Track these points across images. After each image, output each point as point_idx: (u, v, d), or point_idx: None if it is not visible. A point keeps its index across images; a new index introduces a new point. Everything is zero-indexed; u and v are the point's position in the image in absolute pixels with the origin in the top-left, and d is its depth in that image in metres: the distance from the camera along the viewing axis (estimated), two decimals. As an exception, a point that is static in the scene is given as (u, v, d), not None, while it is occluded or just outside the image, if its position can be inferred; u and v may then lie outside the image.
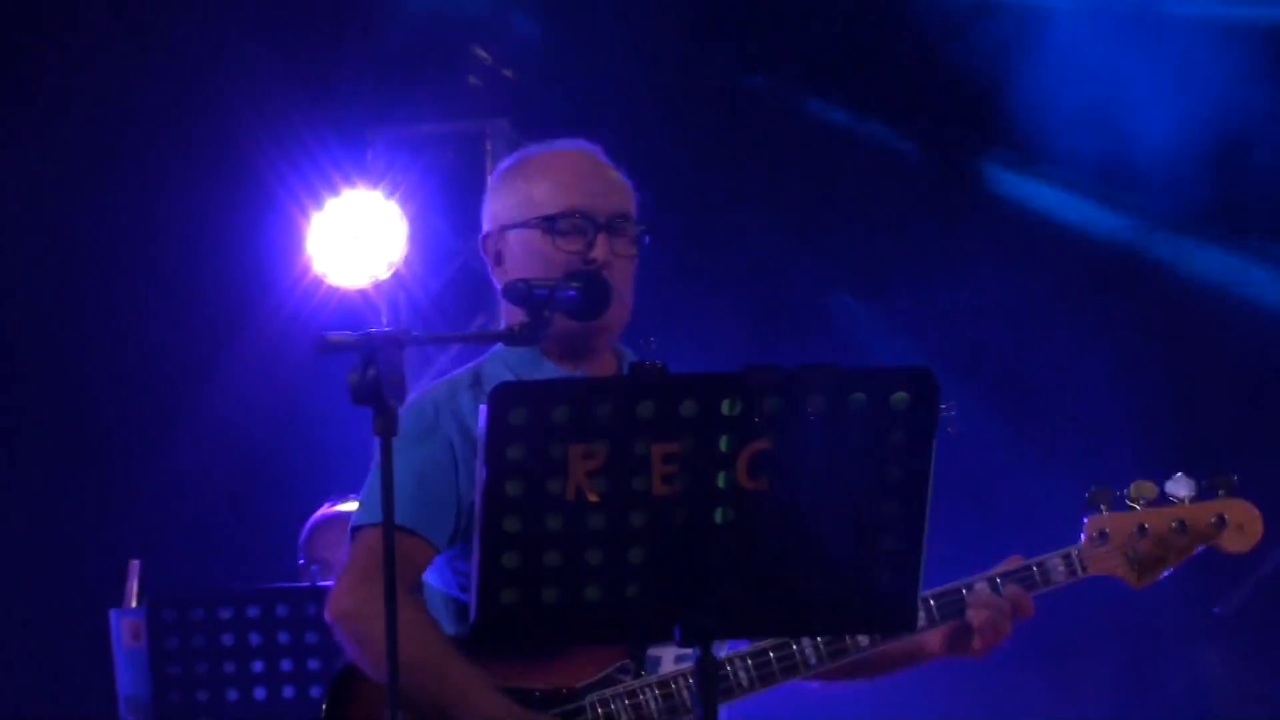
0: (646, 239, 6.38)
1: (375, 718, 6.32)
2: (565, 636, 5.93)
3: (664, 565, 5.27)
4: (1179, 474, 6.13)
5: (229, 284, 11.95)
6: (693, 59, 13.21)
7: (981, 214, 13.67)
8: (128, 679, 7.96)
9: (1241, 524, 6.02)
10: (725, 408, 5.15)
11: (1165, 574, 6.17)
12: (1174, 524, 6.00)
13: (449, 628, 6.33)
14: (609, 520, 5.24)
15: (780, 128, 13.76)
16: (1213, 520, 6.01)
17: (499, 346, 6.58)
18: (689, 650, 5.67)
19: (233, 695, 7.57)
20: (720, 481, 5.18)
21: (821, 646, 6.18)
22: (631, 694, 6.10)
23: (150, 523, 11.65)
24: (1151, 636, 13.95)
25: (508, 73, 11.44)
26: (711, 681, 5.40)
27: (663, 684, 6.09)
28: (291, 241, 11.40)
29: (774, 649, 6.12)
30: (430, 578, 6.45)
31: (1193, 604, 11.70)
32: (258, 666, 7.58)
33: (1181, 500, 6.04)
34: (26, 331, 13.28)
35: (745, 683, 6.10)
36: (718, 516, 5.21)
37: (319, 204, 11.31)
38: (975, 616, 6.39)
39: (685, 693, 6.07)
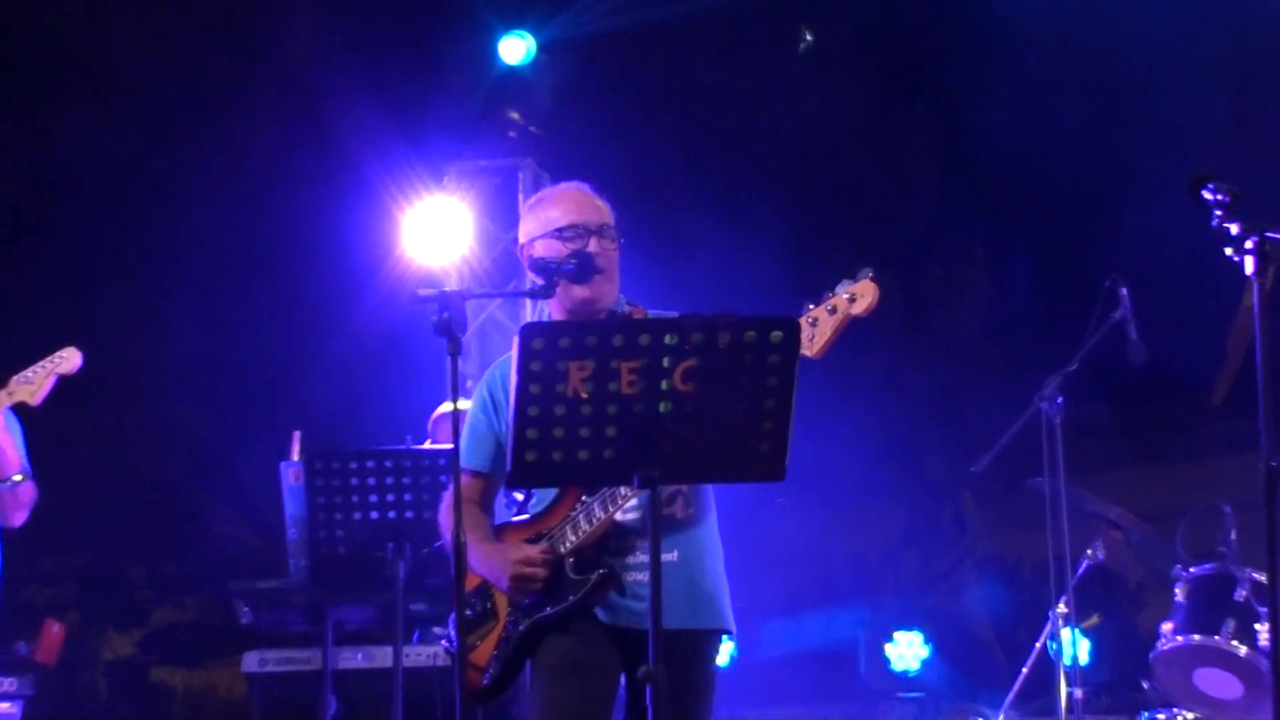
0: (623, 240, 6.42)
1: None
2: (566, 482, 5.98)
3: (628, 437, 5.31)
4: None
5: (359, 258, 11.95)
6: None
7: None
8: (292, 505, 7.97)
9: (865, 295, 5.93)
10: (667, 339, 5.21)
11: (832, 344, 6.02)
12: (828, 309, 5.93)
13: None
14: (594, 409, 5.29)
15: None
16: (848, 298, 5.94)
17: None
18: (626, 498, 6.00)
19: (357, 516, 7.58)
20: (664, 385, 5.23)
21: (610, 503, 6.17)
22: (582, 518, 6.13)
23: (307, 407, 11.67)
24: (927, 489, 13.99)
25: (533, 129, 11.43)
26: (658, 508, 5.45)
27: (603, 500, 6.11)
28: (393, 233, 11.37)
29: (598, 500, 6.11)
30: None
31: (956, 466, 11.72)
32: (374, 498, 7.59)
33: (836, 294, 5.97)
34: (236, 282, 13.32)
35: (587, 527, 6.11)
36: (662, 408, 5.25)
37: (412, 207, 11.28)
38: None
39: (624, 502, 6.06)
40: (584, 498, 6.10)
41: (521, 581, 6.06)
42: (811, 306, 5.89)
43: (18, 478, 6.85)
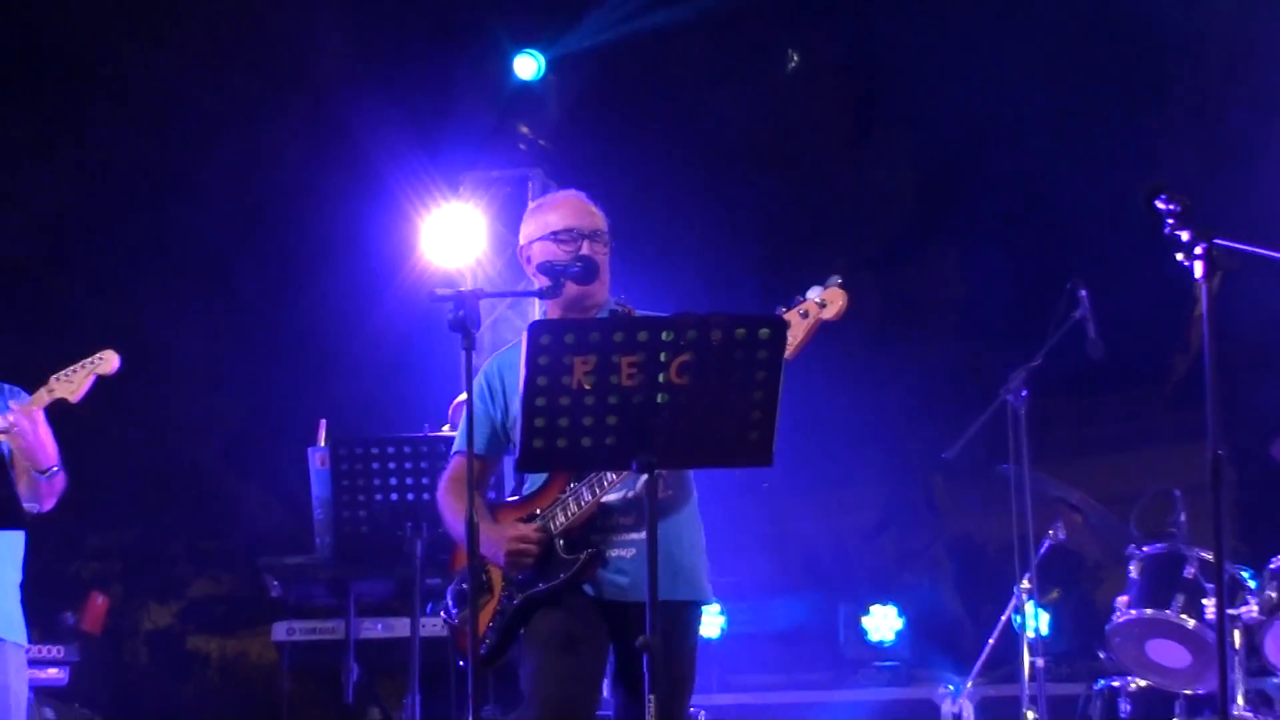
0: (613, 244, 6.42)
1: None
2: (570, 467, 5.97)
3: (627, 425, 5.31)
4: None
5: (381, 260, 11.93)
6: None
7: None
8: (318, 487, 7.98)
9: (834, 301, 5.93)
10: (664, 336, 5.21)
11: (805, 345, 6.00)
12: (800, 313, 5.92)
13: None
14: (596, 400, 5.29)
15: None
16: (819, 303, 5.93)
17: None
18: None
19: (378, 497, 7.59)
20: (660, 378, 5.22)
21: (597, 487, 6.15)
22: (571, 500, 6.13)
23: (332, 398, 11.63)
24: (902, 474, 13.99)
25: (541, 142, 11.41)
26: (654, 490, 5.45)
27: (591, 484, 6.09)
28: (412, 237, 11.33)
29: (586, 485, 6.12)
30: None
31: (929, 453, 11.71)
32: (393, 481, 7.59)
33: (808, 299, 5.96)
34: (268, 283, 13.33)
35: (575, 509, 6.12)
36: (659, 399, 5.24)
37: (430, 213, 11.23)
38: None
39: (610, 486, 6.06)
40: (572, 482, 6.11)
41: (516, 558, 6.08)
42: (784, 310, 5.90)
43: (54, 469, 6.86)
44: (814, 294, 5.93)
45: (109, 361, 6.79)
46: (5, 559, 7.01)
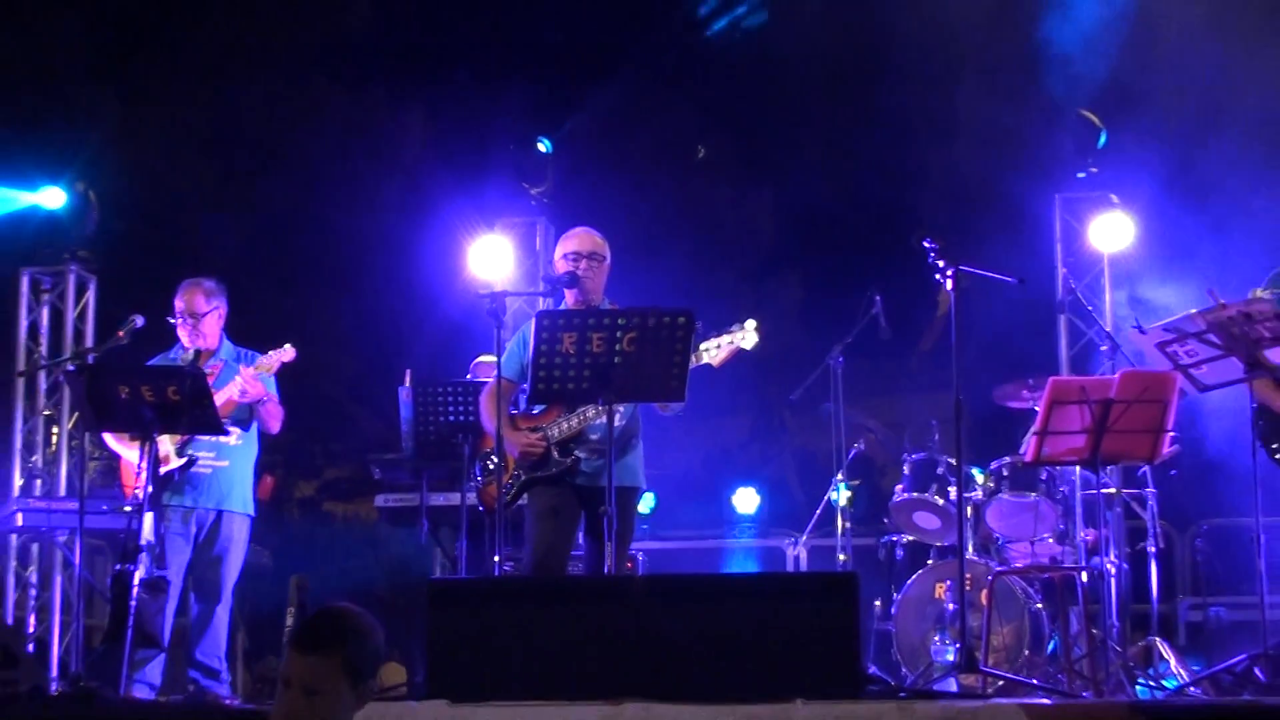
0: (608, 262, 6.32)
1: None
2: (561, 401, 5.91)
3: (596, 376, 5.31)
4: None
5: (442, 274, 11.74)
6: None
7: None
8: (405, 410, 7.83)
9: (749, 336, 5.87)
10: (620, 321, 5.22)
11: (727, 361, 5.90)
12: (726, 340, 5.88)
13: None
14: (577, 360, 5.29)
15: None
16: (740, 336, 5.88)
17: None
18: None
19: (441, 418, 7.52)
20: (617, 347, 5.24)
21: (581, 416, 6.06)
22: (564, 422, 6.06)
23: (414, 357, 11.45)
24: (764, 408, 13.87)
25: (545, 200, 11.25)
26: (611, 416, 5.43)
27: (579, 415, 6.03)
28: (463, 258, 11.15)
29: (567, 419, 6.04)
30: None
31: (781, 395, 11.65)
32: (450, 408, 7.51)
33: (732, 331, 5.92)
34: (375, 287, 13.22)
35: (566, 427, 6.05)
36: (615, 359, 5.26)
37: (475, 240, 11.07)
38: None
39: (589, 419, 5.99)
40: (565, 411, 6.08)
41: (525, 455, 6.06)
42: (715, 335, 5.93)
43: (265, 400, 7.24)
44: (736, 328, 5.96)
45: (289, 353, 7.15)
46: (248, 457, 7.36)
